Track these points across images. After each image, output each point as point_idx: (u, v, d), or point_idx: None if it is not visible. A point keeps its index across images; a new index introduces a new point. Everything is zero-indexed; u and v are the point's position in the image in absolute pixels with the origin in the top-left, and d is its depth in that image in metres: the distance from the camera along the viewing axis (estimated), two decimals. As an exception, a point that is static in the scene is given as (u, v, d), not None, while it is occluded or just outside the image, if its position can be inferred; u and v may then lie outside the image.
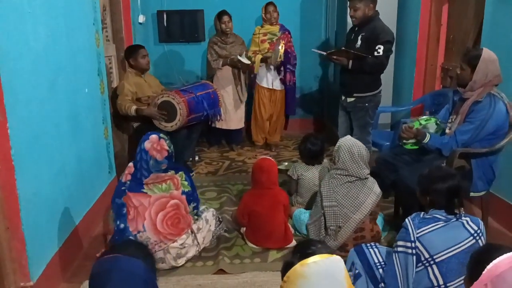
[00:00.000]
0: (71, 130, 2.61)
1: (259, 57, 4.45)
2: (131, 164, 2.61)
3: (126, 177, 2.58)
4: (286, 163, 4.06)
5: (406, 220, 1.95)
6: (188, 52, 5.29)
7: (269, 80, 4.56)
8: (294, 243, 2.78)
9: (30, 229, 2.07)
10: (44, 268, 2.21)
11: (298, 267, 1.25)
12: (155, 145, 2.53)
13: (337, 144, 2.70)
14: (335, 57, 3.37)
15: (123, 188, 2.55)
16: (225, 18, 4.43)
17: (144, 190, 2.52)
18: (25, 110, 2.07)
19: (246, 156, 4.63)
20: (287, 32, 4.55)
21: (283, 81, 4.59)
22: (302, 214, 2.91)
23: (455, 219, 1.92)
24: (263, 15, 4.53)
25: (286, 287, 1.27)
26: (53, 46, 2.39)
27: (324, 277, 1.24)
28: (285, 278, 1.27)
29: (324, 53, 3.45)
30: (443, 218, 1.92)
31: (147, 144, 2.53)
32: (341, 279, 1.26)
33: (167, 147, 2.56)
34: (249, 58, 4.50)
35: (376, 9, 3.33)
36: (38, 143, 2.19)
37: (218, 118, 4.18)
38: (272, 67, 4.48)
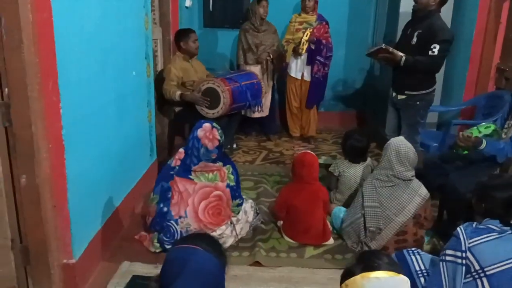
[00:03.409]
0: (117, 112, 2.63)
1: (291, 46, 4.39)
2: (181, 150, 2.63)
3: (176, 162, 2.60)
4: (325, 157, 3.99)
5: (458, 229, 1.86)
6: (231, 38, 5.24)
7: (298, 70, 4.49)
8: (332, 241, 2.73)
9: (75, 208, 2.10)
10: (86, 247, 2.25)
11: (359, 278, 1.20)
12: (208, 133, 2.53)
13: (387, 142, 2.61)
14: (381, 55, 3.17)
15: (171, 172, 2.57)
16: (264, 2, 4.39)
17: (191, 177, 2.54)
18: (76, 91, 2.09)
19: (283, 147, 4.57)
20: (324, 23, 4.42)
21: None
22: (341, 212, 2.84)
23: (510, 232, 1.82)
24: (301, 3, 4.45)
25: None
26: (104, 28, 2.39)
27: None
28: (343, 286, 1.23)
29: (379, 47, 3.18)
30: (497, 229, 1.82)
31: (200, 132, 2.53)
32: None
33: (218, 137, 2.56)
34: (282, 46, 4.50)
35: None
36: (86, 124, 2.21)
37: (259, 108, 4.14)
38: (300, 57, 4.40)
